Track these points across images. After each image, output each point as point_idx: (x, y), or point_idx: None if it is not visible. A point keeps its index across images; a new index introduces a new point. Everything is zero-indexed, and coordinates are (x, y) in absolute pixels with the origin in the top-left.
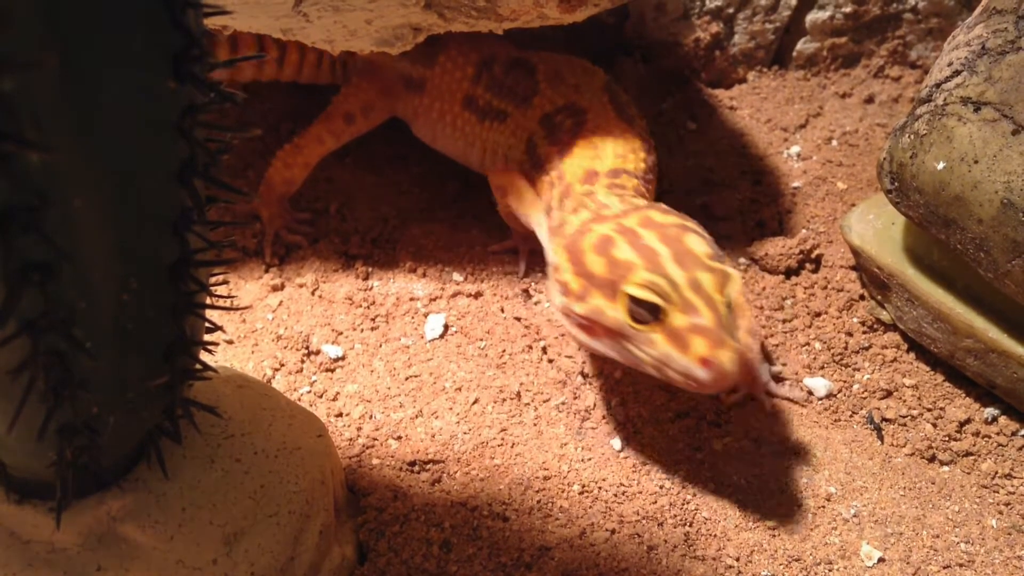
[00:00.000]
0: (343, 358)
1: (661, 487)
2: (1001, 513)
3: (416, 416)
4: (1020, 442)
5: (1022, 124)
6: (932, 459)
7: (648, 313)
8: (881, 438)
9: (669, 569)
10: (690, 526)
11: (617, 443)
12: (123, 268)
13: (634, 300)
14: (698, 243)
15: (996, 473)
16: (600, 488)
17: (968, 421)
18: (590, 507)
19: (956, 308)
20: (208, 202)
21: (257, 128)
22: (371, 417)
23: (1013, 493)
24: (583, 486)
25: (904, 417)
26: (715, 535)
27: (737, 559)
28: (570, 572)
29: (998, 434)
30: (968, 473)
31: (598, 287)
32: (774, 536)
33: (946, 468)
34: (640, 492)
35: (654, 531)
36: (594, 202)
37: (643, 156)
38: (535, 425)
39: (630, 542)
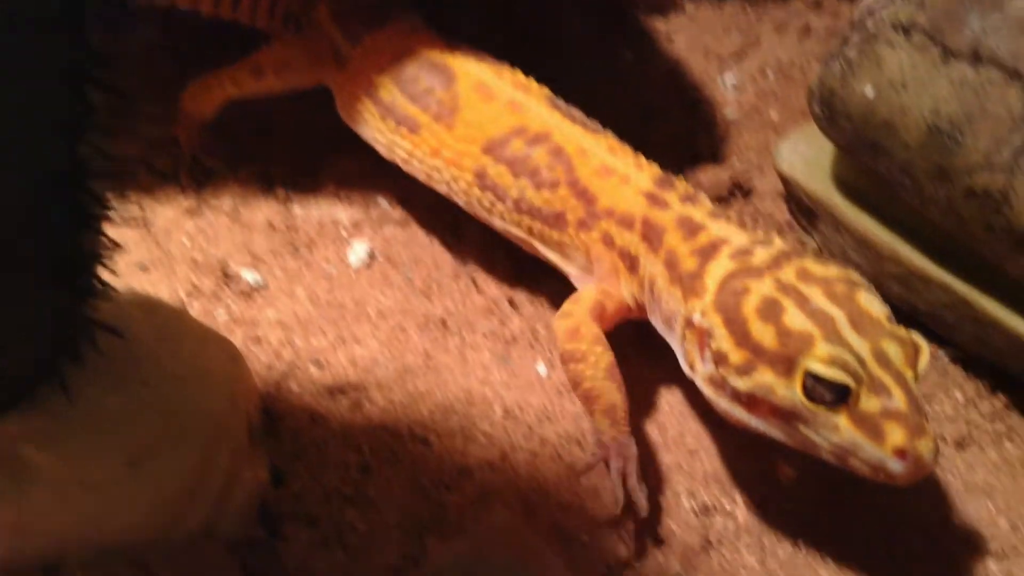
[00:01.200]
0: (263, 284)
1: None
2: None
3: (337, 343)
4: (941, 366)
5: (952, 50)
6: None
7: (831, 393)
8: None
9: (589, 489)
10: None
11: (543, 368)
12: (6, 177)
13: (815, 378)
14: (873, 302)
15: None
16: (523, 412)
17: None
18: (513, 430)
19: (881, 235)
20: (112, 115)
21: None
22: (291, 344)
23: (932, 415)
24: (506, 410)
25: None
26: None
27: (657, 479)
28: (490, 493)
29: None
30: None
31: (768, 362)
32: (693, 457)
33: None
34: (563, 415)
35: (575, 452)
36: (707, 233)
37: (642, 158)
38: (460, 352)
39: (552, 463)
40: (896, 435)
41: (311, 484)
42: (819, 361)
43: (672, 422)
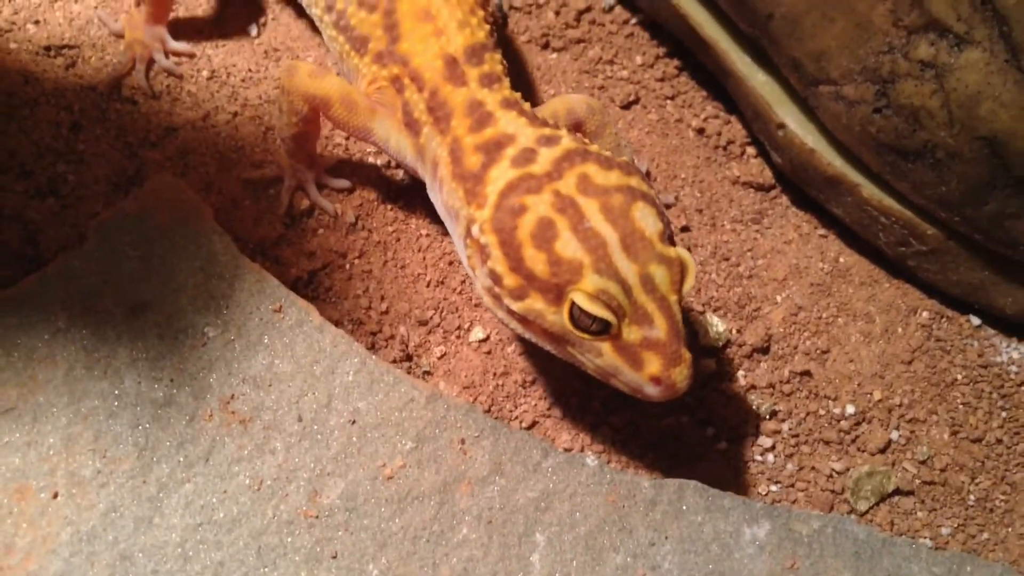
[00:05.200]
0: None
1: None
2: (594, 96)
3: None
4: (629, 30)
5: None
6: (546, 46)
7: (596, 324)
8: (506, 23)
9: (278, 150)
10: None
11: (254, 29)
12: None
13: (581, 309)
14: (648, 217)
15: (600, 59)
16: (230, 73)
17: (588, 9)
18: (217, 92)
19: None
20: None
21: None
22: (10, 0)
23: (610, 78)
24: (212, 71)
25: (531, 5)
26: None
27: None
28: (190, 151)
29: (612, 22)
30: (576, 60)
31: (539, 289)
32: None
33: (555, 55)
34: (266, 77)
35: (275, 114)
36: (494, 127)
37: (481, 13)
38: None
39: (250, 124)
40: (653, 365)
41: (24, 141)
42: (585, 295)
43: None
